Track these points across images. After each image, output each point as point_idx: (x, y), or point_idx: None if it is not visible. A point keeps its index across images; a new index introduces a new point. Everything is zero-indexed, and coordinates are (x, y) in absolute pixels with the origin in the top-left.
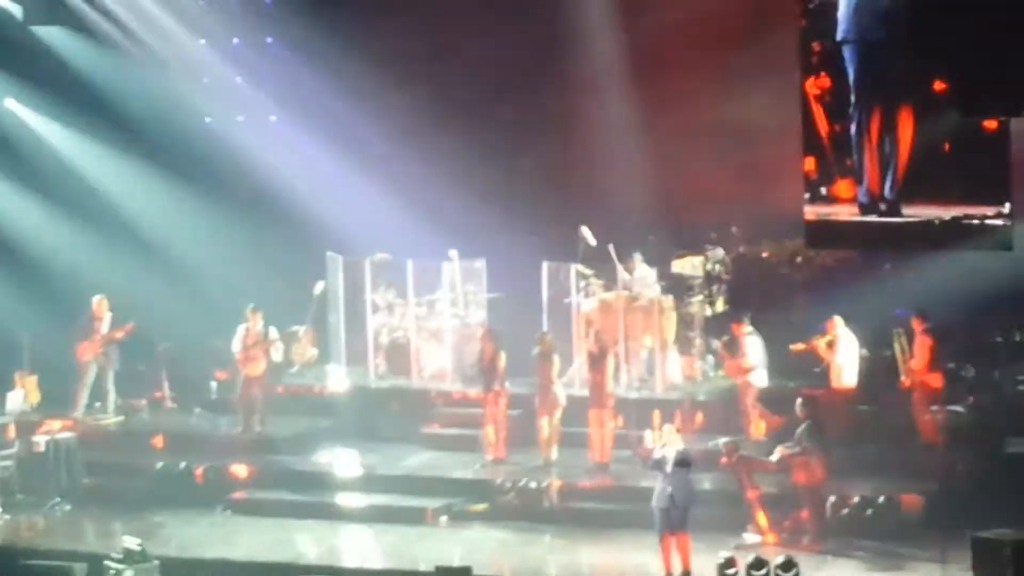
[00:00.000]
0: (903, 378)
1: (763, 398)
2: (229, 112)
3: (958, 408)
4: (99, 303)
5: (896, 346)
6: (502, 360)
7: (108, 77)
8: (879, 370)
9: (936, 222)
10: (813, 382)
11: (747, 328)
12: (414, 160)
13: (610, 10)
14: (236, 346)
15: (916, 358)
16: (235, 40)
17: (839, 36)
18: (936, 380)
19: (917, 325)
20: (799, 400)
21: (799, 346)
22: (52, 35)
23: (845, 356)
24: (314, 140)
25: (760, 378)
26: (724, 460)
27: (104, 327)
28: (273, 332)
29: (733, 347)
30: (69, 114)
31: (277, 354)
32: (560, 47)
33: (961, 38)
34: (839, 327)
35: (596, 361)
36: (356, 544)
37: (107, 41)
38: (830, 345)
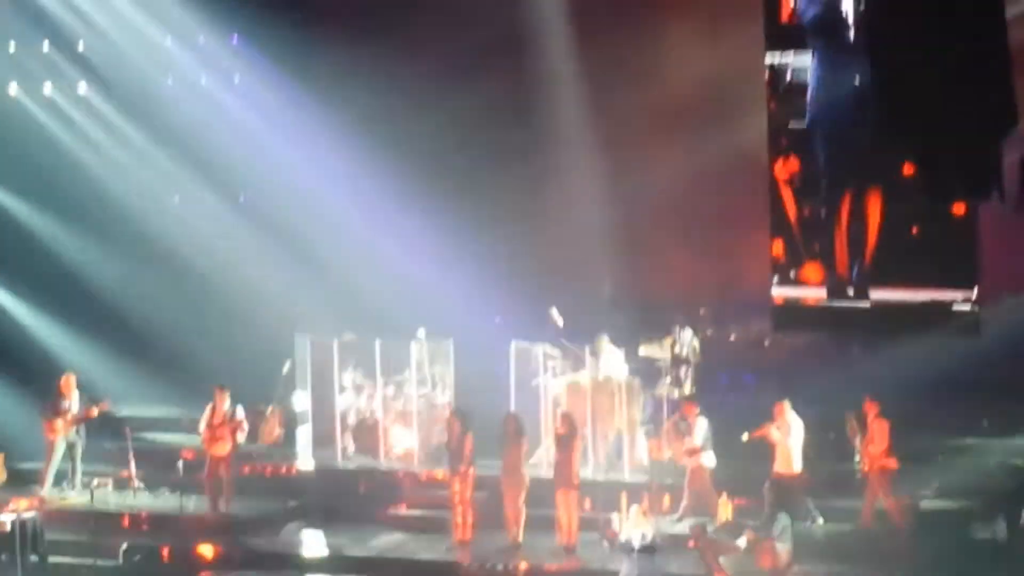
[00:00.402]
0: (860, 462)
1: (729, 481)
2: (197, 192)
3: (925, 493)
4: (66, 381)
5: (847, 429)
6: (470, 441)
7: (75, 161)
8: (838, 454)
9: (904, 307)
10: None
11: (697, 409)
12: (383, 239)
13: (582, 92)
14: (202, 426)
15: (875, 443)
16: (202, 80)
17: (808, 121)
18: (893, 463)
19: (871, 409)
20: (767, 483)
21: (748, 436)
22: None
23: (794, 440)
24: (283, 220)
25: (710, 459)
26: (692, 543)
27: (73, 405)
28: (240, 412)
29: (682, 429)
30: (36, 194)
31: (242, 435)
32: (533, 128)
33: (929, 124)
34: (787, 412)
35: (564, 442)
36: None
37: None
38: (779, 429)
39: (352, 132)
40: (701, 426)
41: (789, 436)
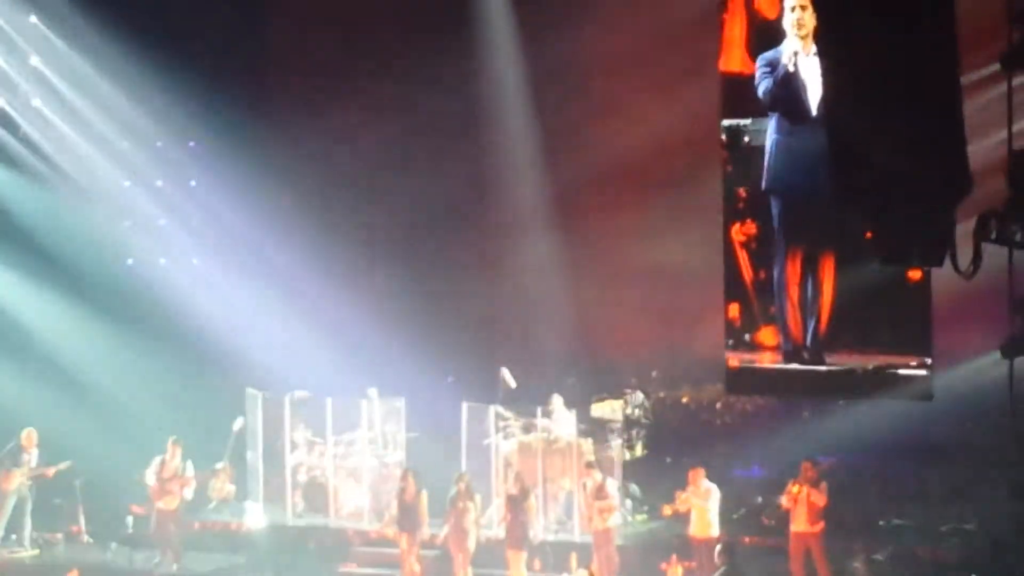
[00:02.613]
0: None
1: (679, 544)
2: (151, 253)
3: (877, 557)
4: (28, 436)
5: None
6: (424, 501)
7: (30, 211)
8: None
9: (858, 371)
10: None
11: (595, 471)
12: (335, 298)
13: (535, 152)
14: (151, 479)
15: (808, 505)
16: (159, 183)
17: (764, 184)
18: (821, 527)
19: (808, 471)
20: (718, 547)
21: (671, 508)
22: None
23: (711, 504)
24: (236, 278)
25: (616, 520)
26: None
27: (33, 460)
28: (190, 468)
29: (600, 491)
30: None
31: (189, 492)
32: (484, 188)
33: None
34: (703, 477)
35: (516, 502)
36: None
37: (33, 176)
38: (696, 495)
39: (306, 195)
40: (610, 488)
41: (707, 501)
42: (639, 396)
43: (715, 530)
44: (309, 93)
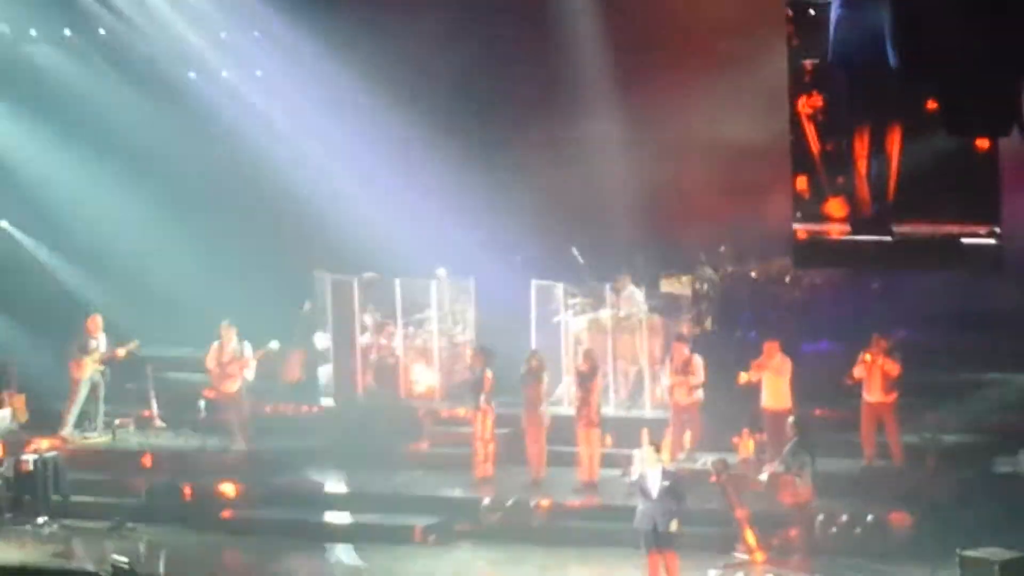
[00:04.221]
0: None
1: (749, 417)
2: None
3: (946, 427)
4: (93, 321)
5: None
6: (491, 379)
7: (91, 88)
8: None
9: (927, 242)
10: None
11: (686, 347)
12: (403, 179)
13: (598, 30)
14: (211, 363)
15: (881, 378)
16: (223, 34)
17: (829, 56)
18: (893, 398)
19: (879, 345)
20: (790, 419)
21: (745, 376)
22: (38, 51)
23: (785, 377)
24: (305, 158)
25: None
26: (713, 479)
27: (100, 345)
28: (248, 349)
29: (687, 365)
30: (50, 127)
31: (250, 373)
32: (548, 65)
33: (950, 58)
34: (778, 350)
35: (585, 379)
36: (344, 563)
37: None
38: (770, 367)
39: (375, 76)
40: (697, 363)
41: (781, 373)
42: (707, 271)
43: (788, 402)
44: None
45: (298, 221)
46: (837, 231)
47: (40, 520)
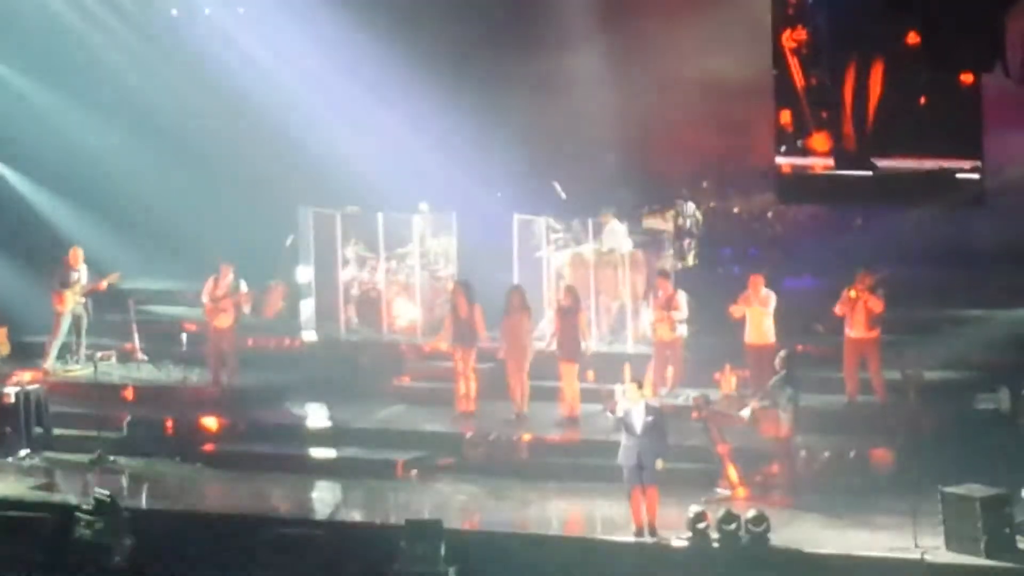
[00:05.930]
0: (848, 330)
1: (730, 353)
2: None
3: (929, 363)
4: (74, 253)
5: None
6: (478, 314)
7: (76, 24)
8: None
9: (910, 175)
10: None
11: (670, 283)
12: (386, 113)
13: None
14: (205, 297)
15: (864, 314)
16: None
17: None
18: (876, 334)
19: (863, 281)
20: (782, 352)
21: (739, 311)
22: None
23: (770, 312)
24: (287, 93)
25: (682, 331)
26: (694, 415)
27: (82, 277)
28: (244, 285)
29: (670, 301)
30: (41, 71)
31: (248, 308)
32: (532, 2)
33: None
34: (762, 284)
35: (567, 315)
36: (326, 497)
37: None
38: (754, 302)
39: (356, 12)
40: (681, 299)
41: (766, 307)
42: (690, 206)
43: (771, 337)
44: None
45: (281, 156)
46: (821, 165)
47: (22, 453)
